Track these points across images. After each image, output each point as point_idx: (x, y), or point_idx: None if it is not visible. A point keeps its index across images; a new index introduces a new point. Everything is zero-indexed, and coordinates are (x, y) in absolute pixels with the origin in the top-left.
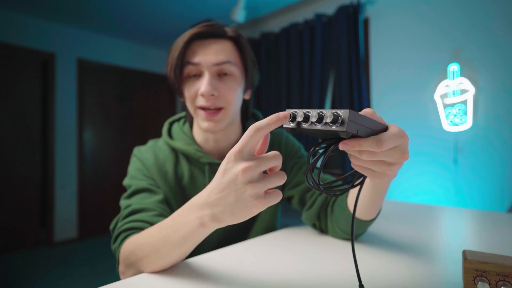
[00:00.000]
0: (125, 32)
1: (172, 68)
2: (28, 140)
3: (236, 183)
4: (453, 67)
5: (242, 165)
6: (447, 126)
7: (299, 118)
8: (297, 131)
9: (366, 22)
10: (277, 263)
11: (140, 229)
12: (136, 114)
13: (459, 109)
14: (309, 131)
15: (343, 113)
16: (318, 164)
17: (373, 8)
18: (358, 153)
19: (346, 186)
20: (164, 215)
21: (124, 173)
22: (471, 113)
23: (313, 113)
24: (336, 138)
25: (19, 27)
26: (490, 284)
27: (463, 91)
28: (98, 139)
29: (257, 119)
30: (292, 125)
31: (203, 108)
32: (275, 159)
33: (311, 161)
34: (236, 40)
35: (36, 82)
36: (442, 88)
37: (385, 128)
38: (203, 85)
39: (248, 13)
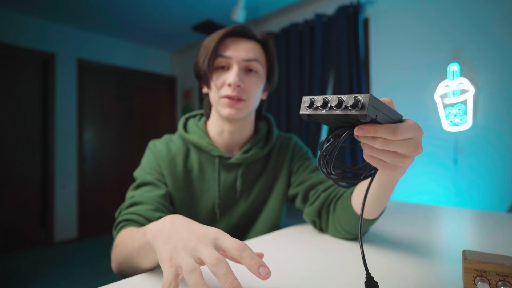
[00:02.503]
0: (125, 32)
1: (205, 59)
2: (28, 140)
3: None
4: (453, 67)
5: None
6: (447, 126)
7: (318, 104)
8: (313, 118)
9: (366, 22)
10: (279, 262)
11: (135, 221)
12: (136, 114)
13: (459, 109)
14: (325, 117)
15: (363, 97)
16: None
17: (373, 8)
18: (372, 140)
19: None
20: (161, 209)
21: (124, 173)
22: (471, 113)
23: (332, 98)
24: (350, 125)
25: (19, 27)
26: (490, 284)
27: (463, 91)
28: (98, 139)
29: (268, 122)
30: (309, 111)
31: (227, 97)
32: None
33: (324, 147)
34: (264, 44)
35: (36, 82)
36: (442, 88)
37: (401, 120)
38: (231, 75)
39: (248, 13)
